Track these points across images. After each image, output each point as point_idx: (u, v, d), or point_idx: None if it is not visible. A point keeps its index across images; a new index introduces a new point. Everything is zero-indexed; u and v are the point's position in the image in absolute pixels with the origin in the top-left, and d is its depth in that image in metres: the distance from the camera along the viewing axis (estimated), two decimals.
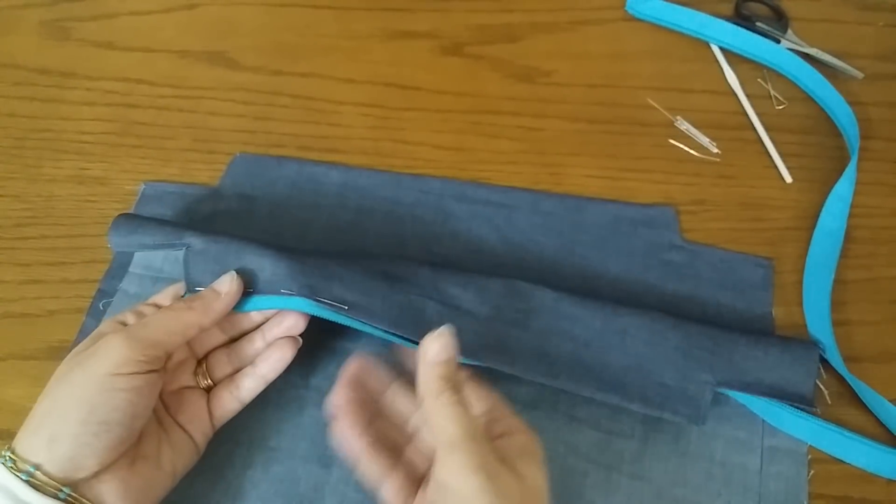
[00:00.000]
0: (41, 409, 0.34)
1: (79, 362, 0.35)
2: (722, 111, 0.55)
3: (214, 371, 0.41)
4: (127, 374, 0.34)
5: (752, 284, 0.46)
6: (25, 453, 0.33)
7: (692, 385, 0.39)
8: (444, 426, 0.32)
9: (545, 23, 0.60)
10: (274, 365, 0.40)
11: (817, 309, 0.45)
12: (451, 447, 0.31)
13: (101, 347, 0.35)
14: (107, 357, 0.34)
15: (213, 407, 0.40)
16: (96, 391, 0.34)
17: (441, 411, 0.32)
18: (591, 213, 0.49)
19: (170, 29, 0.61)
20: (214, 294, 0.39)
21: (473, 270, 0.46)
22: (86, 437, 0.33)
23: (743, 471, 0.40)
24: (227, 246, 0.41)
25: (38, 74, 0.58)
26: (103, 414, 0.34)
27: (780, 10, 0.59)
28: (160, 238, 0.42)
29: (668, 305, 0.46)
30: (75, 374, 0.34)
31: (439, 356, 0.33)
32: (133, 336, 0.35)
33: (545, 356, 0.39)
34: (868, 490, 0.40)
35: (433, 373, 0.33)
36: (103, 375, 0.34)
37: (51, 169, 0.53)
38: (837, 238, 0.48)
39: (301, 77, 0.57)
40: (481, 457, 0.31)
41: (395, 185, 0.51)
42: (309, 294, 0.39)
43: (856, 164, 0.49)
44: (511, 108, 0.55)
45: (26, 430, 0.34)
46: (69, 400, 0.34)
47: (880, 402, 0.42)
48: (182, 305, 0.38)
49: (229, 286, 0.39)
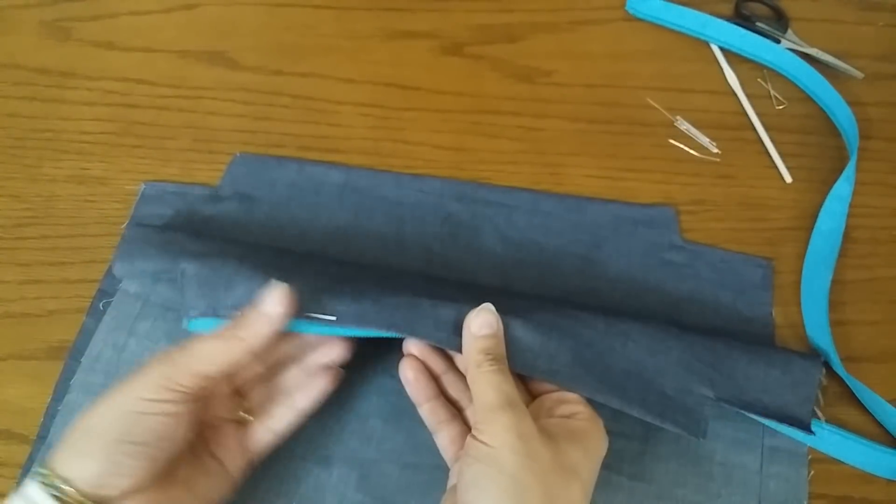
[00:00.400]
0: (80, 425, 0.34)
1: (120, 384, 0.35)
2: (722, 111, 0.55)
3: (249, 401, 0.40)
4: (163, 401, 0.34)
5: (752, 284, 0.46)
6: (58, 468, 0.33)
7: (691, 398, 0.39)
8: (483, 392, 0.34)
9: (545, 23, 0.60)
10: (311, 395, 0.39)
11: (815, 309, 0.45)
12: (489, 410, 0.34)
13: (140, 370, 0.35)
14: (146, 381, 0.34)
15: (247, 439, 0.39)
16: (130, 412, 0.34)
17: (482, 379, 0.35)
18: (591, 213, 0.49)
19: (170, 29, 0.61)
20: (262, 317, 0.36)
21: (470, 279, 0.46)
22: (118, 456, 0.33)
23: (743, 471, 0.40)
24: (218, 271, 0.40)
25: (38, 74, 0.58)
26: (137, 436, 0.33)
27: (780, 10, 0.59)
28: (159, 265, 0.43)
29: (668, 305, 0.46)
30: (115, 394, 0.34)
31: (481, 330, 0.36)
32: (174, 364, 0.35)
33: (545, 351, 0.38)
34: (868, 490, 0.41)
35: (475, 345, 0.36)
36: (138, 399, 0.34)
37: (51, 169, 0.53)
38: (836, 238, 0.48)
39: (301, 77, 0.57)
40: (517, 420, 0.33)
41: (395, 185, 0.51)
42: (299, 313, 0.38)
43: (855, 165, 0.49)
44: (511, 108, 0.55)
45: (62, 445, 0.34)
46: (105, 419, 0.34)
47: (879, 403, 0.42)
48: (230, 334, 0.36)
49: (275, 307, 0.36)
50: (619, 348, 0.39)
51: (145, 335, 0.45)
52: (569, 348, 0.39)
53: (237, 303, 0.40)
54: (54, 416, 0.43)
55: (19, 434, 0.43)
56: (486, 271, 0.47)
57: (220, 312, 0.40)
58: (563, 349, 0.39)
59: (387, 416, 0.42)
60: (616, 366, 0.39)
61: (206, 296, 0.40)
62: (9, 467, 0.42)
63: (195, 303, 0.40)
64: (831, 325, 0.45)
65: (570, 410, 0.36)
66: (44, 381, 0.44)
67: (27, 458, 0.42)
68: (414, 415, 0.42)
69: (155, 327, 0.45)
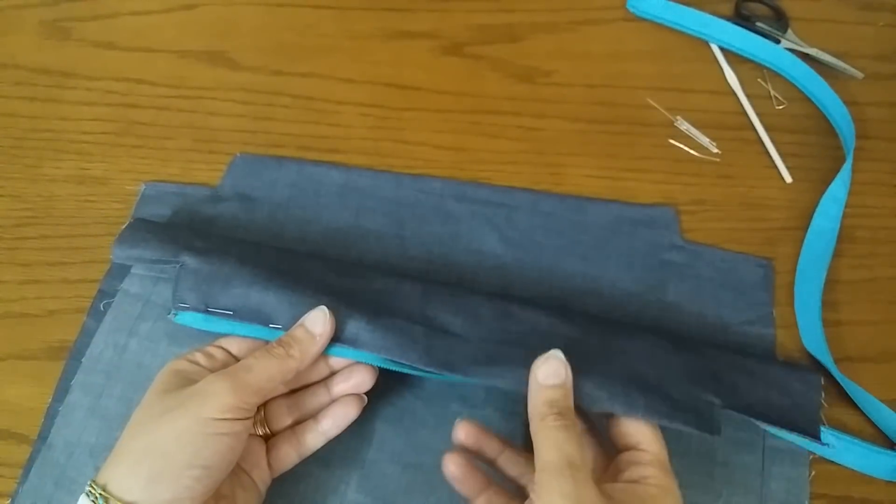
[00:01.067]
0: (137, 446, 0.34)
1: (181, 403, 0.34)
2: (722, 111, 0.55)
3: (273, 421, 0.39)
4: (231, 420, 0.34)
5: (752, 285, 0.46)
6: (121, 492, 0.32)
7: (699, 402, 0.37)
8: (545, 450, 0.32)
9: (545, 23, 0.60)
10: (338, 422, 0.39)
11: (808, 311, 0.45)
12: (547, 472, 0.31)
13: (204, 390, 0.34)
14: (213, 401, 0.34)
15: (271, 457, 0.39)
16: (200, 434, 0.33)
17: (543, 434, 0.33)
18: (592, 213, 0.49)
19: (170, 29, 0.61)
20: (310, 337, 0.37)
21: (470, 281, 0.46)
22: (188, 480, 0.32)
23: (744, 471, 0.40)
24: (217, 269, 0.41)
25: (38, 74, 0.58)
26: (207, 458, 0.33)
27: (780, 10, 0.59)
28: (159, 254, 0.42)
29: (669, 305, 0.46)
30: (178, 414, 0.34)
31: (547, 380, 0.34)
32: (239, 382, 0.35)
33: None
34: (869, 490, 0.41)
35: (540, 396, 0.34)
36: (208, 419, 0.33)
37: (51, 169, 0.53)
38: (830, 239, 0.48)
39: (301, 77, 0.57)
40: (575, 487, 0.31)
41: (396, 185, 0.51)
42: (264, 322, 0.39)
43: (851, 165, 0.49)
44: (511, 108, 0.55)
45: (119, 466, 0.33)
46: (172, 441, 0.33)
47: (874, 405, 0.42)
48: (282, 352, 0.36)
49: (323, 327, 0.37)
50: (617, 360, 0.38)
51: (146, 336, 0.45)
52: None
53: (232, 304, 0.40)
54: (55, 416, 0.43)
55: (19, 434, 0.43)
56: (487, 272, 0.47)
57: (213, 311, 0.40)
58: None
59: (387, 417, 0.42)
60: (616, 373, 0.37)
61: (201, 291, 0.40)
62: (9, 467, 0.42)
63: (185, 296, 0.40)
64: (831, 326, 0.45)
65: (640, 474, 0.33)
66: (44, 381, 0.44)
67: (27, 458, 0.42)
68: (415, 415, 0.42)
69: (156, 328, 0.45)
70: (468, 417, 0.38)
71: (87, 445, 0.42)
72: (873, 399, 0.42)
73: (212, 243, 0.44)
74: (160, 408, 0.34)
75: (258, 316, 0.39)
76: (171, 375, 0.36)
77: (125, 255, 0.43)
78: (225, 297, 0.40)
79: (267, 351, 0.37)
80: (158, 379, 0.37)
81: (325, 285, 0.41)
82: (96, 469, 0.40)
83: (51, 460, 0.41)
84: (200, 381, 0.35)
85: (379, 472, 0.41)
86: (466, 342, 0.39)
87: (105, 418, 0.42)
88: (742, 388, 0.39)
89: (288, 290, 0.40)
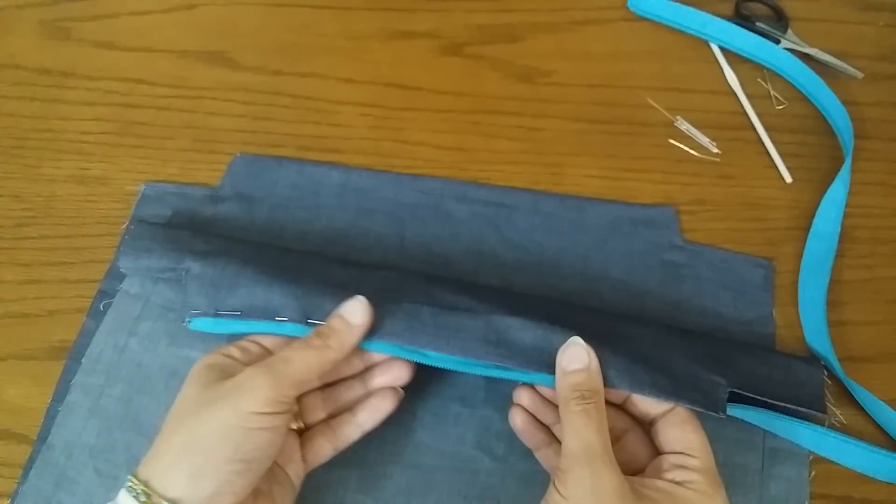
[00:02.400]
0: (178, 440, 0.33)
1: (220, 396, 0.34)
2: (722, 111, 0.55)
3: (306, 414, 0.39)
4: (271, 413, 0.33)
5: (752, 285, 0.46)
6: (162, 488, 0.32)
7: (704, 382, 0.37)
8: (569, 435, 0.33)
9: (545, 23, 0.60)
10: (374, 415, 0.39)
11: (813, 313, 0.45)
12: (569, 458, 0.32)
13: (244, 383, 0.34)
14: (253, 394, 0.33)
15: (306, 450, 0.38)
16: (242, 429, 0.33)
17: (568, 419, 0.33)
18: (592, 213, 0.49)
19: (170, 29, 0.61)
20: (348, 327, 0.37)
21: (471, 280, 0.46)
22: (229, 475, 0.32)
23: (744, 472, 0.40)
24: (222, 271, 0.41)
25: (38, 74, 0.58)
26: (247, 452, 0.33)
27: (780, 10, 0.59)
28: (164, 261, 0.43)
29: (669, 305, 0.46)
30: (218, 408, 0.33)
31: (570, 365, 0.35)
32: (279, 374, 0.34)
33: (548, 347, 0.37)
34: (869, 490, 0.41)
35: (564, 382, 0.35)
36: (249, 413, 0.33)
37: (51, 169, 0.53)
38: (832, 241, 0.48)
39: (301, 77, 0.57)
40: (594, 475, 0.31)
41: (396, 185, 0.51)
42: (301, 318, 0.39)
43: (850, 167, 0.49)
44: (511, 108, 0.55)
45: (160, 461, 0.33)
46: (213, 435, 0.33)
47: (878, 405, 0.42)
48: (320, 343, 0.36)
49: (361, 317, 0.37)
50: (623, 343, 0.39)
51: (146, 336, 0.45)
52: None
53: (239, 305, 0.40)
54: (55, 416, 0.43)
55: (19, 434, 0.43)
56: (487, 272, 0.47)
57: (222, 313, 0.40)
58: None
59: (387, 417, 0.42)
60: (623, 353, 0.37)
61: (209, 295, 0.40)
62: (9, 467, 0.42)
63: (196, 302, 0.40)
64: (832, 326, 0.45)
65: (685, 477, 0.33)
66: (44, 381, 0.44)
67: (27, 458, 0.42)
68: (414, 415, 0.42)
69: (156, 328, 0.45)
70: (523, 386, 0.40)
71: (86, 445, 0.42)
72: (877, 400, 0.42)
73: (213, 244, 0.44)
74: (200, 402, 0.34)
75: (265, 312, 0.40)
76: (207, 370, 0.36)
77: (134, 266, 0.44)
78: (232, 298, 0.40)
79: (305, 342, 0.36)
80: (194, 374, 0.36)
81: (330, 276, 0.41)
82: (96, 470, 0.41)
83: (51, 460, 0.41)
84: (239, 375, 0.34)
85: (378, 473, 0.41)
86: (475, 316, 0.39)
87: (105, 418, 0.42)
88: (746, 369, 0.40)
89: (293, 284, 0.40)
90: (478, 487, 0.40)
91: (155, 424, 0.42)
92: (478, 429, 0.42)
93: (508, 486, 0.40)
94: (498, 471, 0.41)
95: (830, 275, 0.46)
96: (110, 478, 0.41)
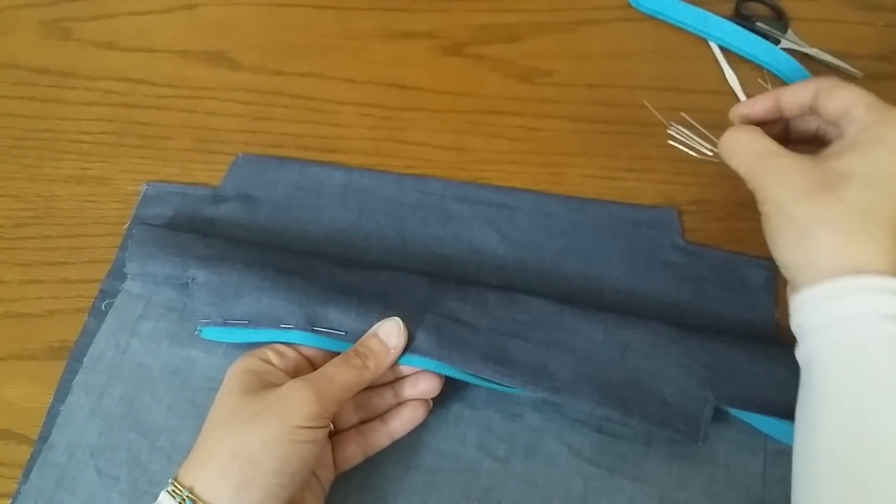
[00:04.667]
0: (224, 449, 0.34)
1: (266, 408, 0.34)
2: (722, 111, 0.54)
3: (339, 420, 0.40)
4: (317, 427, 0.34)
5: (754, 286, 0.46)
6: (208, 495, 0.32)
7: (692, 402, 0.39)
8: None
9: (545, 23, 0.60)
10: (405, 425, 0.40)
11: None
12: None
13: (289, 397, 0.35)
14: (299, 409, 0.34)
15: (337, 455, 0.39)
16: (287, 441, 0.34)
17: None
18: (594, 214, 0.49)
19: (170, 29, 0.61)
20: (385, 349, 0.38)
21: (473, 280, 0.46)
22: (275, 487, 0.33)
23: (746, 474, 0.40)
24: (227, 278, 0.41)
25: (38, 74, 0.58)
26: (293, 465, 0.34)
27: (780, 10, 0.59)
28: (168, 268, 0.43)
29: (670, 307, 0.46)
30: (265, 420, 0.34)
31: None
32: (323, 391, 0.35)
33: (545, 369, 0.39)
34: None
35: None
36: (295, 427, 0.34)
37: (51, 169, 0.53)
38: None
39: (301, 77, 0.57)
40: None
41: (397, 186, 0.51)
42: (306, 326, 0.40)
43: None
44: (511, 108, 0.55)
45: (205, 468, 0.33)
46: (262, 447, 0.33)
47: None
48: (360, 363, 0.37)
49: (398, 340, 0.38)
50: (618, 358, 0.40)
51: (148, 336, 0.45)
52: (569, 366, 0.39)
53: (245, 312, 0.41)
54: (56, 416, 0.43)
55: (20, 434, 0.43)
56: (488, 272, 0.47)
57: (231, 322, 0.41)
58: (563, 368, 0.39)
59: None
60: (615, 377, 0.39)
61: (216, 304, 0.41)
62: (9, 467, 0.42)
63: (205, 311, 0.41)
64: None
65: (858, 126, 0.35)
66: (44, 381, 0.44)
67: (28, 458, 0.42)
68: None
69: (157, 328, 0.45)
70: None
71: (87, 446, 0.42)
72: None
73: (215, 249, 0.44)
74: (245, 411, 0.35)
75: (271, 320, 0.40)
76: (247, 375, 0.37)
77: (140, 272, 0.44)
78: (238, 307, 0.41)
79: (346, 361, 0.37)
80: (233, 378, 0.37)
81: (333, 280, 0.42)
82: (97, 470, 0.41)
83: (52, 460, 0.41)
84: (283, 387, 0.35)
85: (380, 473, 0.41)
86: (476, 331, 0.40)
87: (106, 418, 0.42)
88: (744, 363, 0.40)
89: (297, 291, 0.40)
90: (479, 488, 0.40)
91: (157, 424, 0.42)
92: (479, 429, 0.42)
93: (510, 488, 0.40)
94: (499, 472, 0.41)
95: None
96: (111, 478, 0.41)
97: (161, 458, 0.41)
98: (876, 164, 0.33)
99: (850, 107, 0.35)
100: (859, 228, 0.32)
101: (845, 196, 0.32)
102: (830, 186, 0.33)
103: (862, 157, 0.33)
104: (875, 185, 0.32)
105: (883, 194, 0.32)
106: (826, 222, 0.32)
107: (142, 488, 0.40)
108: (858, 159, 0.33)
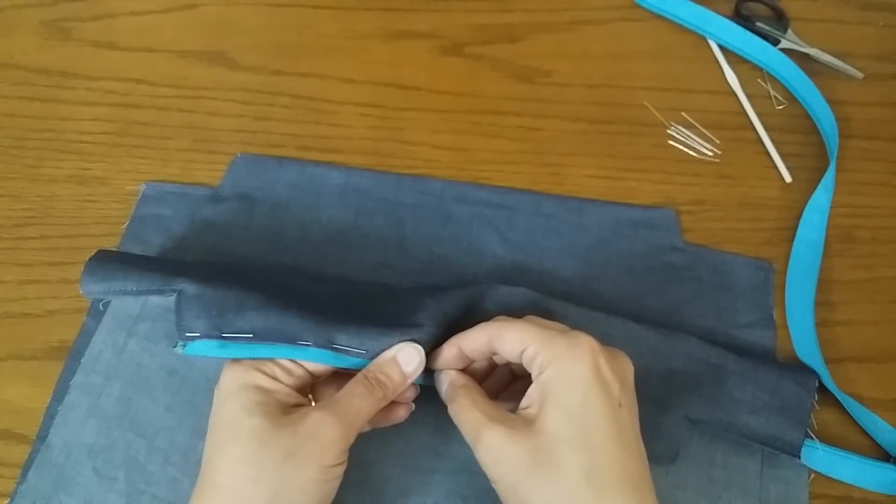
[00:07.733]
0: (259, 492, 0.33)
1: (299, 447, 0.33)
2: (722, 111, 0.55)
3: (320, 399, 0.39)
4: (342, 463, 0.35)
5: (752, 287, 0.46)
6: None
7: (668, 419, 0.39)
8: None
9: (545, 23, 0.60)
10: (389, 418, 0.40)
11: (801, 322, 0.45)
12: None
13: (320, 434, 0.34)
14: (332, 448, 0.34)
15: None
16: (322, 482, 0.34)
17: None
18: (592, 214, 0.49)
19: (170, 29, 0.61)
20: (403, 379, 0.37)
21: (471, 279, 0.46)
22: None
23: (743, 474, 0.40)
24: (224, 293, 0.38)
25: (38, 74, 0.58)
26: (323, 502, 0.35)
27: (780, 10, 0.59)
28: (145, 284, 0.39)
29: (669, 308, 0.46)
30: (301, 462, 0.33)
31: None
32: (351, 426, 0.35)
33: None
34: (868, 491, 0.40)
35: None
36: (329, 467, 0.34)
37: (51, 169, 0.53)
38: (817, 249, 0.47)
39: (301, 77, 0.57)
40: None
41: (396, 186, 0.51)
42: (325, 343, 0.38)
43: (834, 173, 0.49)
44: (511, 108, 0.55)
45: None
46: (300, 492, 0.33)
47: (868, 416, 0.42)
48: (381, 395, 0.36)
49: (417, 368, 0.37)
50: None
51: (145, 336, 0.45)
52: None
53: (250, 326, 0.38)
54: (54, 416, 0.43)
55: (19, 434, 0.43)
56: (487, 273, 0.47)
57: (228, 335, 0.38)
58: None
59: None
60: None
61: (211, 318, 0.38)
62: (9, 467, 0.42)
63: (193, 324, 0.38)
64: (831, 326, 0.45)
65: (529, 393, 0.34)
66: (44, 381, 0.44)
67: (26, 458, 0.42)
68: (414, 417, 0.42)
69: (155, 328, 0.45)
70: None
71: (85, 445, 0.42)
72: (868, 412, 0.42)
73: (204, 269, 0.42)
74: (277, 448, 0.33)
75: (281, 335, 0.37)
76: (257, 393, 0.35)
77: (98, 289, 0.40)
78: (240, 321, 0.38)
79: (369, 392, 0.36)
80: (241, 394, 0.35)
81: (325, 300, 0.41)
82: (95, 470, 0.41)
83: (49, 460, 0.41)
84: (313, 421, 0.34)
85: (378, 474, 0.41)
86: None
87: (104, 418, 0.42)
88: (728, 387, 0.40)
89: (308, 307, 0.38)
90: (476, 489, 0.40)
91: (154, 424, 0.42)
92: None
93: None
94: None
95: (829, 274, 0.47)
96: (109, 478, 0.41)
97: (158, 459, 0.41)
98: (574, 414, 0.32)
99: (522, 348, 0.35)
100: (585, 495, 0.31)
101: (562, 465, 0.31)
102: (544, 456, 0.32)
103: (560, 411, 0.32)
104: (586, 443, 0.32)
105: (599, 448, 0.32)
106: (554, 500, 0.31)
107: (139, 488, 0.40)
108: (559, 415, 0.32)
